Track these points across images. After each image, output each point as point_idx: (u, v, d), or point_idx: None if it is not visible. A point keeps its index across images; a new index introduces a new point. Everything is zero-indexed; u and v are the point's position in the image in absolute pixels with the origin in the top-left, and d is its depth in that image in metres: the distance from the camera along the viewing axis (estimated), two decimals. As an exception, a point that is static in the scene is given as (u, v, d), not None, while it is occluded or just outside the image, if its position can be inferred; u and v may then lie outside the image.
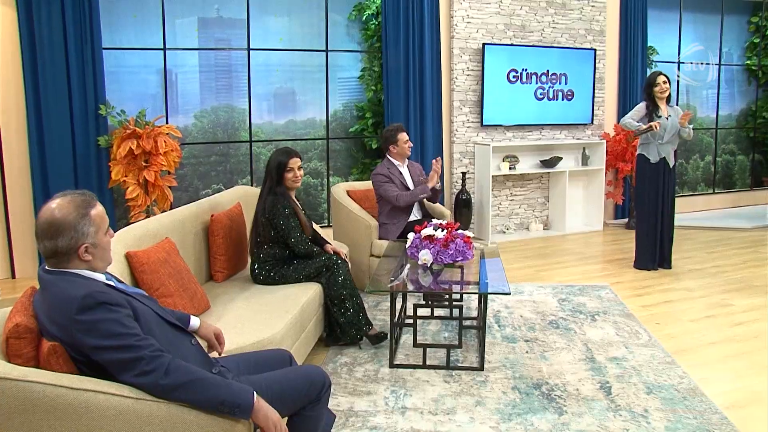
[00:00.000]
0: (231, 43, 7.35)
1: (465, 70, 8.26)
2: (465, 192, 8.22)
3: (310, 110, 7.82)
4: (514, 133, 8.69)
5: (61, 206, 2.35)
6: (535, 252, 7.78)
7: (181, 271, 3.73)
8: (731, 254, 7.64)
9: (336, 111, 7.95)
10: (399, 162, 6.10)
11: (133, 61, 6.90)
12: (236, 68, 7.40)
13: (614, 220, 9.63)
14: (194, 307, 3.71)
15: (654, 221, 6.71)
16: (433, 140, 8.06)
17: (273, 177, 4.57)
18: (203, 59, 7.24)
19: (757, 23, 11.07)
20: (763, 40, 11.14)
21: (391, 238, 5.82)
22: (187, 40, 7.14)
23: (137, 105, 6.89)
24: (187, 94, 7.20)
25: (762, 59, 11.15)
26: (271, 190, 4.57)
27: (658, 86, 6.61)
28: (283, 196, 4.55)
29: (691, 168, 10.87)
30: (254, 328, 3.64)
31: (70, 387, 2.21)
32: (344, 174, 8.08)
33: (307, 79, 7.77)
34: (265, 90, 7.57)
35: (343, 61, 7.94)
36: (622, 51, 9.45)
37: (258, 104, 7.54)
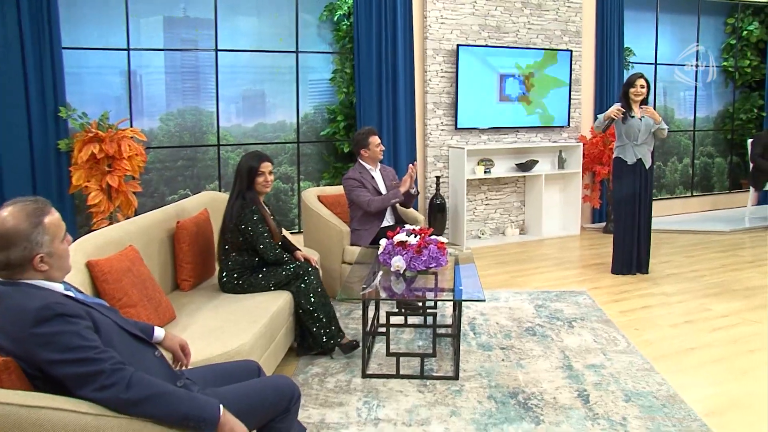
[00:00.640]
0: (198, 44, 7.30)
1: (439, 71, 8.28)
2: (439, 196, 8.23)
3: (280, 113, 7.79)
4: (489, 136, 8.72)
5: (13, 215, 2.28)
6: (511, 257, 7.81)
7: (145, 280, 3.68)
8: (710, 258, 7.72)
9: (307, 114, 7.93)
10: (371, 166, 6.09)
11: (96, 62, 6.82)
12: (203, 69, 7.35)
13: (591, 225, 9.70)
14: (159, 318, 3.66)
15: (631, 225, 6.76)
16: (406, 144, 8.06)
17: (243, 181, 4.54)
18: (169, 60, 7.18)
19: (734, 24, 11.23)
20: (739, 42, 11.30)
21: (364, 244, 5.81)
22: (152, 40, 7.08)
23: (100, 107, 6.81)
24: (152, 96, 7.13)
25: (738, 61, 11.31)
26: (239, 194, 4.54)
27: (635, 88, 6.67)
28: (252, 201, 4.53)
29: (668, 170, 10.98)
30: (221, 338, 3.61)
31: (23, 404, 2.11)
32: (315, 179, 8.05)
33: (276, 81, 7.73)
34: (234, 92, 7.52)
35: (314, 62, 7.92)
36: (598, 52, 9.53)
37: (226, 107, 7.49)
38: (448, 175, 8.48)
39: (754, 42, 11.28)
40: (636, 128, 6.66)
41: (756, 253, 8.01)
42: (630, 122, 6.66)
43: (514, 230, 9.00)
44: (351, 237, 5.99)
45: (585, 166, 9.19)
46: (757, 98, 11.38)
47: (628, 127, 6.66)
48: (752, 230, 9.44)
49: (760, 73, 11.37)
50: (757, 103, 11.36)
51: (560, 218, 9.40)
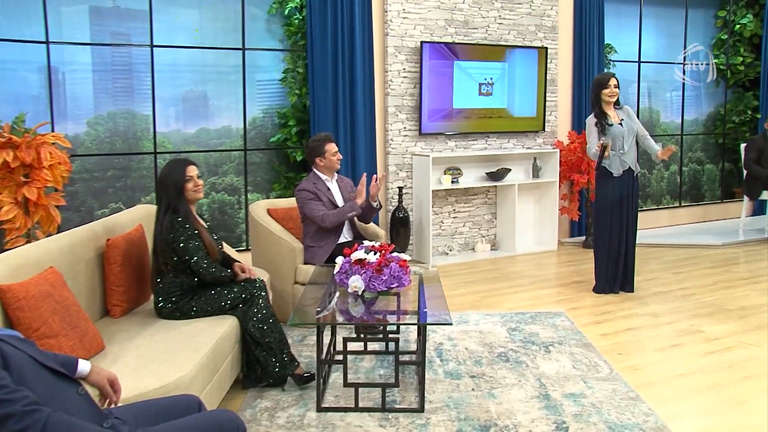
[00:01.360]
0: (131, 39, 7.25)
1: (401, 71, 8.32)
2: (402, 209, 8.25)
3: (225, 117, 7.76)
4: (456, 143, 8.78)
5: None
6: (481, 276, 7.85)
7: (68, 307, 3.63)
8: (701, 274, 7.83)
9: (255, 118, 7.91)
10: (327, 176, 6.10)
11: (8, 56, 6.72)
12: (137, 68, 7.30)
13: (570, 239, 9.80)
14: (84, 349, 3.61)
15: (616, 240, 6.83)
16: (365, 151, 8.08)
17: (170, 193, 4.51)
18: (97, 56, 7.12)
19: (725, 18, 11.43)
20: (731, 37, 11.48)
21: (318, 262, 5.80)
22: (76, 33, 7.00)
23: (14, 108, 6.70)
24: (78, 96, 7.06)
25: (730, 57, 11.49)
26: (169, 208, 4.51)
27: (608, 89, 6.74)
28: (184, 213, 4.50)
29: (654, 179, 11.12)
30: (157, 370, 3.57)
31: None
32: (264, 190, 8.03)
33: (221, 82, 7.71)
34: (172, 93, 7.48)
35: (263, 61, 7.91)
36: (576, 49, 9.66)
37: (164, 110, 7.44)
38: (412, 185, 8.51)
39: (748, 37, 11.48)
40: (620, 136, 6.71)
41: (751, 268, 8.15)
42: (612, 131, 6.72)
43: (484, 246, 9.05)
44: (304, 255, 5.98)
45: (562, 174, 9.29)
46: (751, 99, 11.58)
47: (612, 137, 6.72)
48: (747, 243, 9.61)
49: (754, 71, 11.57)
50: (751, 104, 11.56)
51: (535, 232, 9.48)
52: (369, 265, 4.47)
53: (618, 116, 6.82)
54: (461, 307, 6.53)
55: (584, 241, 9.38)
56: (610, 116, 6.77)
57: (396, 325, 5.13)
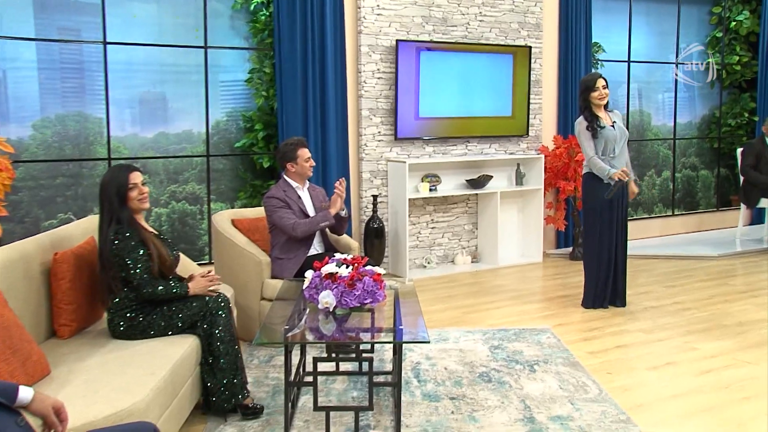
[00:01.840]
0: (81, 35, 7.20)
1: (375, 72, 8.33)
2: (376, 219, 8.25)
3: (186, 121, 7.72)
4: (434, 148, 8.79)
5: None
6: (461, 290, 7.85)
7: (9, 328, 3.57)
8: (695, 288, 7.88)
9: (218, 122, 7.88)
10: (298, 184, 6.10)
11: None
12: (89, 66, 7.25)
13: (556, 250, 9.83)
14: (27, 374, 3.55)
15: (606, 251, 6.85)
16: (337, 157, 8.07)
17: (112, 202, 4.46)
18: (43, 53, 7.05)
19: (720, 14, 11.53)
20: (726, 35, 11.58)
21: (287, 276, 5.79)
22: (19, 27, 6.94)
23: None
24: (21, 97, 6.99)
25: (726, 56, 11.58)
26: (112, 218, 4.45)
27: (597, 91, 6.76)
28: (129, 223, 4.45)
29: (646, 186, 11.19)
30: (110, 396, 3.52)
31: None
32: (229, 199, 8.00)
33: (181, 82, 7.67)
34: (128, 95, 7.43)
35: (227, 60, 7.89)
36: (562, 48, 9.71)
37: (119, 112, 7.39)
38: (387, 193, 8.51)
39: (744, 34, 11.58)
40: (612, 139, 6.73)
41: (749, 281, 8.21)
42: (604, 134, 6.73)
43: (465, 258, 9.06)
44: (272, 268, 5.97)
45: (547, 181, 9.32)
46: (747, 100, 11.68)
47: (604, 140, 6.73)
48: (744, 254, 9.68)
49: (751, 70, 11.68)
50: (748, 106, 11.66)
51: (519, 243, 9.51)
52: (341, 279, 4.45)
53: (609, 119, 6.84)
54: (440, 324, 6.52)
55: (571, 253, 9.41)
56: (602, 118, 6.79)
57: (370, 343, 5.11)
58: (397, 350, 4.58)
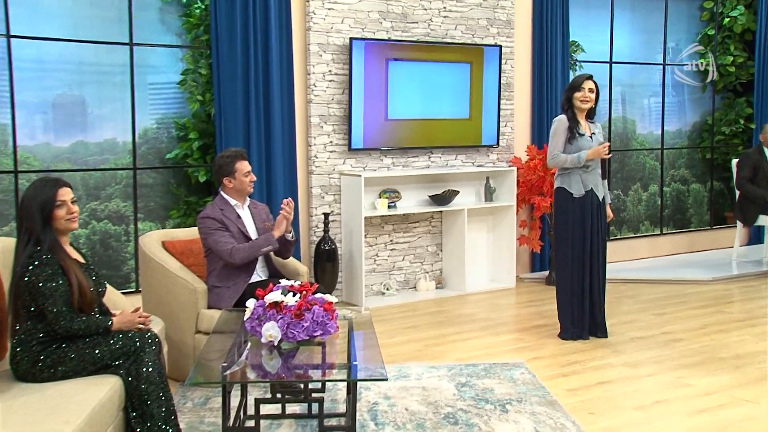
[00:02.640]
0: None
1: (326, 74, 8.36)
2: (328, 240, 8.26)
3: (109, 128, 7.70)
4: (393, 159, 8.83)
5: None
6: (424, 320, 7.87)
7: None
8: (687, 316, 7.95)
9: (147, 130, 7.86)
10: (237, 201, 6.10)
11: None
12: (-10, 64, 7.21)
13: (531, 274, 9.90)
14: None
15: (579, 274, 6.92)
16: (283, 171, 8.08)
17: (34, 221, 4.40)
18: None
19: (712, 10, 11.68)
20: (719, 32, 11.72)
21: (225, 306, 5.77)
22: None
23: None
24: None
25: (719, 57, 11.72)
26: (30, 239, 4.40)
27: (581, 92, 6.84)
28: (50, 247, 4.39)
29: (630, 201, 11.28)
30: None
31: None
32: (159, 218, 7.97)
33: (103, 84, 7.65)
34: (39, 98, 7.39)
35: (157, 59, 7.88)
36: (536, 48, 9.80)
37: (28, 118, 7.34)
38: (340, 211, 8.53)
39: (739, 32, 11.73)
40: (587, 149, 6.84)
41: (747, 308, 8.30)
42: (579, 142, 6.83)
43: (428, 283, 9.09)
44: (208, 297, 5.95)
45: (520, 197, 9.37)
46: (743, 105, 11.83)
47: (577, 149, 6.82)
48: (741, 278, 9.78)
49: (747, 72, 11.84)
50: (744, 112, 11.82)
51: (489, 266, 9.56)
52: (287, 309, 4.46)
53: (589, 128, 6.94)
54: (400, 359, 6.53)
55: (548, 277, 9.46)
56: (582, 126, 6.88)
57: (320, 381, 5.13)
58: (351, 389, 4.58)
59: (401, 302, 8.60)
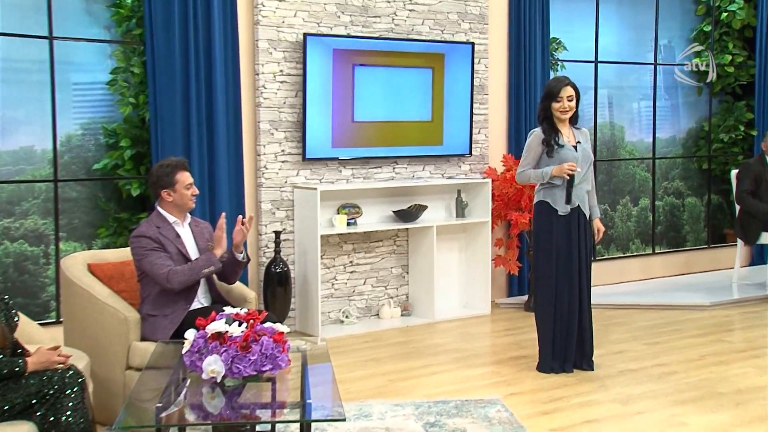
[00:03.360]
0: None
1: (278, 74, 8.34)
2: (279, 262, 8.23)
3: (25, 134, 7.66)
4: (353, 170, 8.83)
5: None
6: (389, 351, 7.88)
7: None
8: (683, 346, 7.99)
9: (70, 136, 7.82)
10: (176, 218, 6.07)
11: None
12: None
13: (508, 299, 9.92)
14: None
15: (566, 300, 6.93)
16: (228, 184, 8.06)
17: None
18: None
19: (708, 3, 11.76)
20: (717, 29, 11.80)
21: (161, 338, 5.73)
22: None
23: None
24: None
25: (716, 56, 11.76)
26: None
27: (560, 102, 6.82)
28: None
29: (619, 217, 11.33)
30: None
31: None
32: (85, 237, 7.92)
33: (18, 84, 7.63)
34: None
35: (82, 56, 7.84)
36: (513, 46, 9.83)
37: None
38: (293, 229, 8.51)
39: (738, 28, 11.81)
40: (572, 160, 6.82)
41: (750, 337, 8.34)
42: (561, 153, 6.83)
43: (393, 310, 9.09)
44: (142, 328, 5.92)
45: (496, 212, 9.39)
46: (743, 110, 11.93)
47: (560, 162, 6.81)
48: (743, 303, 9.82)
49: (747, 72, 11.93)
50: (743, 117, 11.91)
51: (461, 291, 9.58)
52: (232, 340, 4.45)
53: (574, 137, 6.94)
54: (361, 395, 6.52)
55: (526, 303, 9.47)
56: (563, 135, 6.88)
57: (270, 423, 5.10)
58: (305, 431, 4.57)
59: (362, 332, 8.59)
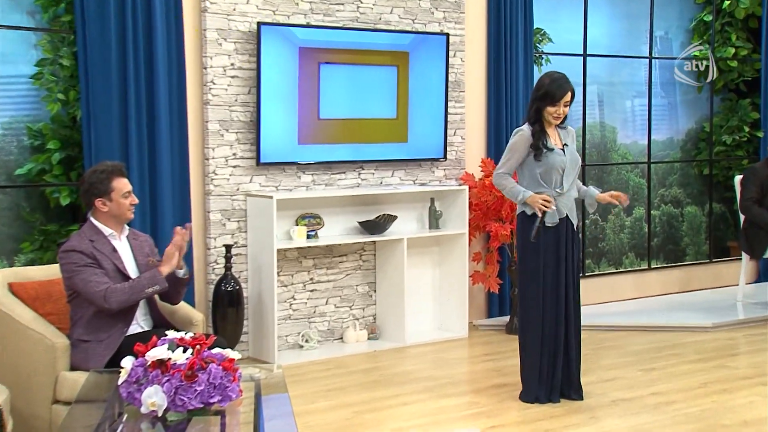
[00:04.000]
0: None
1: (228, 68, 8.32)
2: (230, 279, 8.19)
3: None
4: (314, 176, 8.81)
5: None
6: (354, 379, 7.87)
7: None
8: (682, 372, 8.01)
9: (-11, 138, 7.82)
10: (113, 230, 6.04)
11: None
12: None
13: (487, 320, 9.93)
14: None
15: (552, 321, 6.93)
16: (173, 191, 8.03)
17: None
18: None
19: (710, -10, 11.86)
20: (719, 19, 11.83)
21: (95, 366, 5.68)
22: None
23: None
24: None
25: (718, 49, 11.81)
26: None
27: (556, 107, 6.77)
28: None
29: (610, 228, 11.36)
30: None
31: None
32: (6, 253, 7.90)
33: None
34: None
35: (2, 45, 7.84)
36: (492, 37, 9.85)
37: None
38: (246, 242, 8.49)
39: (742, 18, 11.86)
40: (559, 167, 6.81)
41: (757, 362, 8.35)
42: (549, 158, 6.81)
43: (358, 333, 9.07)
44: (72, 355, 5.88)
45: (474, 223, 9.41)
46: (748, 109, 11.99)
47: (547, 167, 6.81)
48: (749, 324, 9.85)
49: (752, 67, 12.00)
50: (748, 117, 11.99)
51: (435, 311, 9.59)
52: (175, 368, 4.41)
53: (560, 138, 6.93)
54: (323, 430, 6.51)
55: (508, 324, 9.49)
56: (550, 137, 6.86)
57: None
58: (258, 471, 4.55)
59: (324, 358, 8.57)
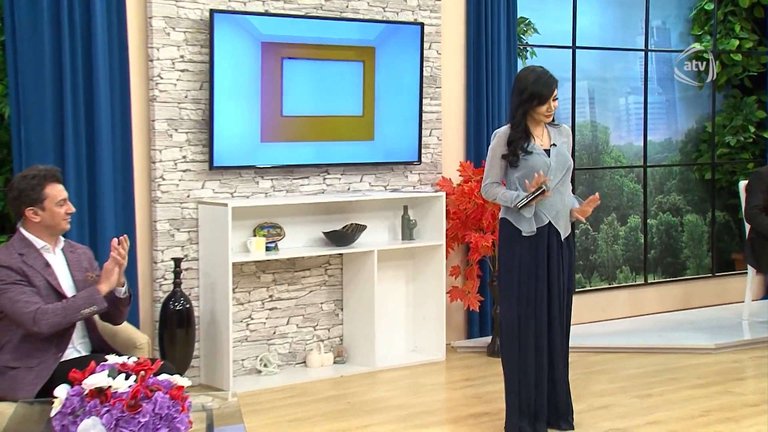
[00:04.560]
0: None
1: (177, 60, 8.30)
2: (180, 297, 8.16)
3: None
4: (274, 181, 8.79)
5: None
6: (319, 408, 7.85)
7: None
8: (682, 398, 8.02)
9: None
10: (46, 242, 6.00)
11: None
12: None
13: (467, 341, 9.93)
14: None
15: (539, 342, 6.90)
16: (114, 198, 8.00)
17: None
18: None
19: (711, -24, 11.90)
20: (721, 8, 11.86)
21: (24, 396, 5.64)
22: None
23: None
24: None
25: (720, 42, 11.84)
26: None
27: (547, 105, 6.78)
28: None
29: (603, 239, 11.37)
30: None
31: None
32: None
33: None
34: None
35: None
36: (472, 27, 9.87)
37: None
38: (198, 255, 8.46)
39: (747, 7, 11.90)
40: (541, 169, 6.79)
41: (763, 387, 8.35)
42: (530, 161, 6.79)
43: (323, 356, 9.06)
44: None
45: (451, 233, 9.41)
46: (753, 107, 12.03)
47: (527, 170, 6.79)
48: (755, 345, 9.88)
49: (757, 61, 12.05)
50: (754, 116, 12.03)
51: (409, 331, 9.59)
52: (116, 398, 4.36)
53: (549, 137, 6.90)
54: (283, 466, 6.48)
55: (490, 346, 9.49)
56: (534, 138, 6.83)
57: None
58: None
59: (285, 384, 8.55)
